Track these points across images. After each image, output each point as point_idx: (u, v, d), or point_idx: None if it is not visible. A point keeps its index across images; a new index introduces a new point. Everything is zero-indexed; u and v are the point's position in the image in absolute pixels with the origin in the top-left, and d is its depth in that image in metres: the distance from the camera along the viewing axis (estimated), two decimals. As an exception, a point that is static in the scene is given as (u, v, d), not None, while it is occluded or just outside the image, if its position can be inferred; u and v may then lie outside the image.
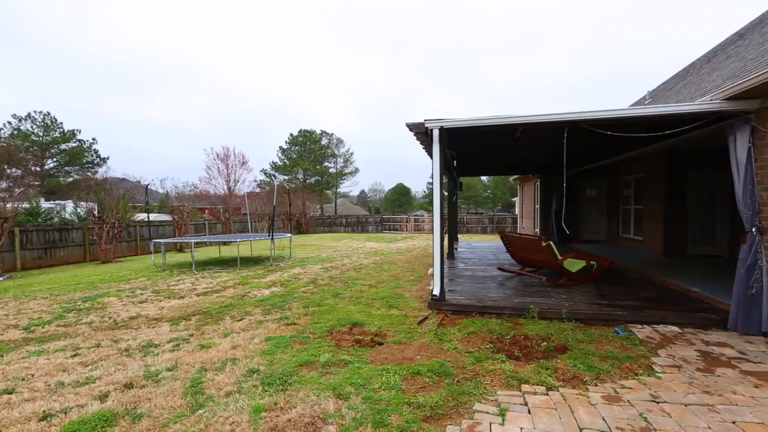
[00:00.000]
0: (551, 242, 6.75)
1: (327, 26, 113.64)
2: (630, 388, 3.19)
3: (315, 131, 45.14)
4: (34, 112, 30.58)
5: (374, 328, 4.96)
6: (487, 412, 2.85)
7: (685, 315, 4.85)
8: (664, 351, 3.96)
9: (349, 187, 50.60)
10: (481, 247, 13.94)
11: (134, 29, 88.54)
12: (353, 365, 3.74)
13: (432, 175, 5.79)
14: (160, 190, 23.90)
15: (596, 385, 3.25)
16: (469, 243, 15.82)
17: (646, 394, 3.07)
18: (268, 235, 12.65)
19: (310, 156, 44.25)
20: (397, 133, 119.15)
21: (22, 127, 29.96)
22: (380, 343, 4.39)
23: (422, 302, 6.15)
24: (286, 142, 44.56)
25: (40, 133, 30.66)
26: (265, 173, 42.66)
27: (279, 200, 20.23)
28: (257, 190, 32.73)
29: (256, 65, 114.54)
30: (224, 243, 16.42)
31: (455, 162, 10.08)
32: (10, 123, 29.73)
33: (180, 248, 16.87)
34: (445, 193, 10.94)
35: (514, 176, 19.85)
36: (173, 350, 4.33)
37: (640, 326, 4.72)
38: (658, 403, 2.93)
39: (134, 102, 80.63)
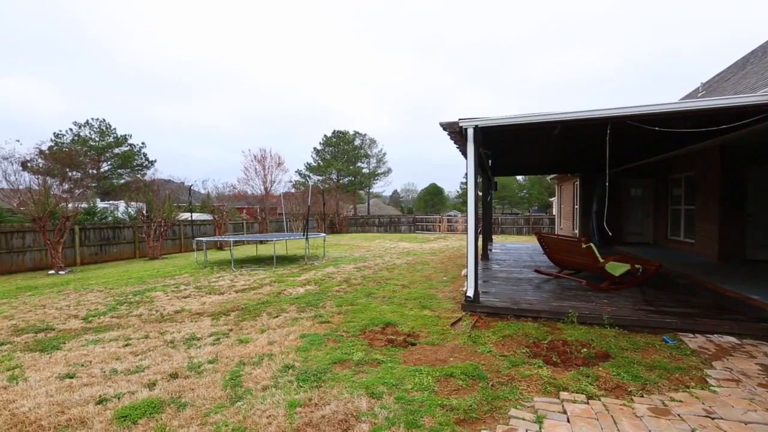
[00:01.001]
0: (592, 244, 6.45)
1: (357, 26, 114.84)
2: (680, 401, 2.98)
3: (348, 132, 45.68)
4: (92, 119, 33.08)
5: (407, 328, 4.95)
6: (524, 419, 2.77)
7: (744, 324, 4.47)
8: (720, 363, 3.67)
9: (382, 187, 50.89)
10: (516, 248, 13.56)
11: (172, 39, 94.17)
12: (386, 365, 3.75)
13: (466, 174, 5.71)
14: (202, 191, 25.08)
15: (642, 396, 3.07)
16: (504, 244, 15.42)
17: (699, 409, 2.86)
18: (303, 235, 12.95)
19: (344, 156, 44.84)
20: (430, 133, 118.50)
21: (81, 133, 32.51)
22: (413, 344, 4.37)
23: (455, 303, 6.07)
24: (320, 143, 45.42)
25: (97, 138, 33.08)
26: (300, 174, 43.74)
27: (313, 200, 20.64)
28: (292, 190, 33.52)
29: (286, 67, 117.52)
30: (261, 242, 17.00)
31: (490, 161, 9.88)
32: (71, 129, 32.37)
33: (220, 246, 17.64)
34: (480, 193, 10.74)
35: (552, 175, 19.16)
36: (214, 344, 4.53)
37: (691, 335, 4.41)
38: (713, 419, 2.72)
39: (174, 107, 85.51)
